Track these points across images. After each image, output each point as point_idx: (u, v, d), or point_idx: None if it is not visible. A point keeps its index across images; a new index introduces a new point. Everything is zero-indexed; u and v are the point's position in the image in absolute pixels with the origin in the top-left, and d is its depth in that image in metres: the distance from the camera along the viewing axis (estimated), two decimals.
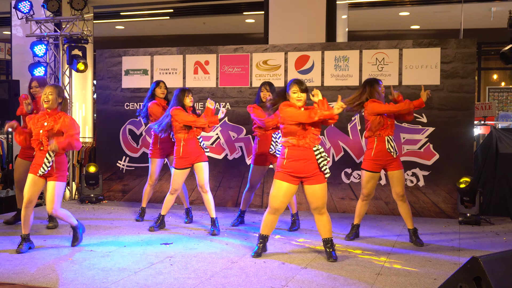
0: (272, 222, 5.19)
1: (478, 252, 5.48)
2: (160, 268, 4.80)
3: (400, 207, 5.77)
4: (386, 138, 5.67)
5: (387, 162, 5.69)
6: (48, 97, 5.23)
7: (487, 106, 9.24)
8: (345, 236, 5.98)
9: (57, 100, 5.26)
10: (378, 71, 7.51)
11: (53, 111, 5.26)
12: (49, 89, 5.28)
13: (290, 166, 4.98)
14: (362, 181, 5.81)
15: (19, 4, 8.55)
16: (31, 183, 5.27)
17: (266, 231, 5.23)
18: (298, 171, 4.97)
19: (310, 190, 5.03)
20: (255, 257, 5.19)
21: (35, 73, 8.60)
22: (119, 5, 12.12)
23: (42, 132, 5.21)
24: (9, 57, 13.01)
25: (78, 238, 5.57)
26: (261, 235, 5.25)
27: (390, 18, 12.80)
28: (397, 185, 5.70)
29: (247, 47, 8.07)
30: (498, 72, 15.17)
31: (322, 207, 5.04)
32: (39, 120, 5.27)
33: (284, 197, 5.04)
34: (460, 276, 3.11)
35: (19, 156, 6.59)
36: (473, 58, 7.26)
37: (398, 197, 5.72)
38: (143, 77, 8.43)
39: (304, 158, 4.95)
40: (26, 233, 5.34)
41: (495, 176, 7.50)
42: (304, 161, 4.95)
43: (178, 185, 6.17)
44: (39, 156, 5.26)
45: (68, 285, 4.30)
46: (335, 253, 5.13)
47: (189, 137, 6.11)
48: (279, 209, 5.09)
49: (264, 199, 7.88)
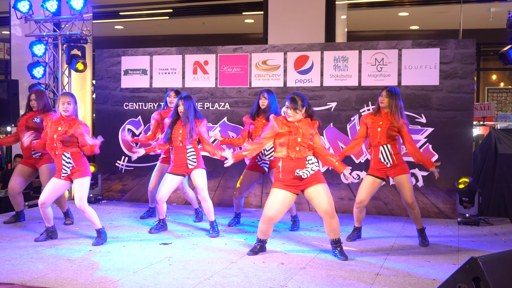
0: (267, 230, 5.24)
1: (477, 252, 5.49)
2: (159, 268, 4.80)
3: (410, 213, 5.75)
4: (380, 148, 5.66)
5: (387, 170, 5.70)
6: (68, 107, 5.52)
7: (486, 106, 9.25)
8: (347, 237, 5.98)
9: (74, 108, 5.59)
10: (377, 72, 7.52)
11: (68, 117, 5.56)
12: (67, 98, 5.55)
13: (284, 179, 5.05)
14: (361, 185, 5.78)
15: (18, 3, 8.54)
16: (52, 186, 5.57)
17: (262, 236, 5.31)
18: (292, 182, 5.04)
19: (312, 193, 5.04)
20: (251, 255, 5.24)
21: (34, 72, 8.60)
22: (118, 5, 12.13)
23: (56, 136, 5.50)
24: (8, 56, 13.00)
25: (101, 239, 5.65)
26: (259, 239, 5.34)
27: (389, 18, 12.81)
28: (403, 192, 5.68)
29: (247, 47, 8.07)
30: (497, 73, 15.17)
31: (331, 209, 5.02)
32: (53, 125, 5.57)
33: (280, 206, 5.05)
34: (459, 277, 3.11)
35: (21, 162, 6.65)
36: (472, 59, 7.27)
37: (407, 205, 5.69)
38: (142, 77, 8.42)
39: (297, 168, 5.00)
40: (50, 225, 5.74)
41: (494, 177, 7.50)
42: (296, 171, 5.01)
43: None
44: (57, 161, 5.57)
45: (67, 285, 4.30)
46: (343, 251, 5.18)
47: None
48: (273, 218, 5.10)
49: (263, 199, 7.88)
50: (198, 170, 6.03)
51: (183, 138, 5.93)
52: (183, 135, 5.93)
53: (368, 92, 7.53)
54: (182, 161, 5.96)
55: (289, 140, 5.02)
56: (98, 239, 5.63)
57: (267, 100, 6.26)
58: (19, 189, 6.62)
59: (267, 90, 6.35)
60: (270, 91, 6.36)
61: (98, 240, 5.62)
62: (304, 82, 7.75)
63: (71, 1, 8.26)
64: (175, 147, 5.99)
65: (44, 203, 5.57)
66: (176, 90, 6.85)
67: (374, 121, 5.72)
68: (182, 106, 5.91)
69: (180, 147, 5.95)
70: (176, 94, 6.74)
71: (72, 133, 5.49)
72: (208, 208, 6.05)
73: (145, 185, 8.34)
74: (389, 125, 5.64)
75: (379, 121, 5.69)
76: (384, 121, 5.67)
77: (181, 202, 8.22)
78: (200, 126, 5.95)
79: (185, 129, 5.93)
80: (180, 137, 5.93)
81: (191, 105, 5.93)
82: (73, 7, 8.30)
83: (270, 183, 7.70)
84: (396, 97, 5.66)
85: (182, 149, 5.96)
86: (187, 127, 5.91)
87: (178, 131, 5.95)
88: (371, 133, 5.72)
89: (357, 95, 7.58)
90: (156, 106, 8.22)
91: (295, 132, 5.03)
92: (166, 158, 6.77)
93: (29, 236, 5.97)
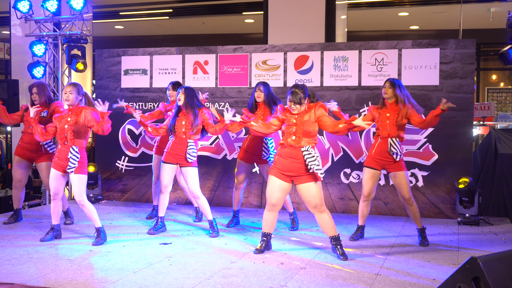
0: (273, 220, 5.29)
1: (477, 252, 5.49)
2: (159, 268, 4.80)
3: (408, 210, 5.78)
4: (389, 140, 5.70)
5: (387, 163, 5.72)
6: (68, 96, 5.56)
7: (486, 106, 9.26)
8: (350, 237, 5.98)
9: (77, 98, 5.59)
10: (377, 72, 7.52)
11: (75, 107, 5.60)
12: (69, 88, 5.59)
13: (279, 163, 5.16)
14: (362, 179, 5.84)
15: (18, 3, 8.54)
16: (55, 178, 5.62)
17: (267, 228, 5.33)
18: (286, 169, 5.10)
19: (302, 190, 5.12)
20: (256, 254, 5.27)
21: (34, 72, 8.59)
22: (118, 5, 12.14)
23: (68, 127, 5.53)
24: (8, 56, 13.01)
25: (100, 239, 5.65)
26: (263, 233, 5.35)
27: (389, 18, 12.81)
28: (400, 187, 5.71)
29: (247, 47, 8.07)
30: (497, 73, 15.17)
31: (320, 204, 5.09)
32: (63, 117, 5.61)
33: (279, 193, 5.18)
34: (458, 277, 3.11)
35: (18, 153, 6.61)
36: (472, 59, 7.27)
37: (404, 201, 5.72)
38: (142, 77, 8.43)
39: (291, 157, 5.08)
40: (56, 223, 5.76)
41: (494, 177, 7.50)
42: (291, 160, 5.08)
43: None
44: (63, 150, 5.55)
45: (66, 285, 4.30)
46: (344, 251, 5.18)
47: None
48: (276, 205, 5.20)
49: (262, 199, 7.88)
50: (192, 168, 6.02)
51: (186, 129, 5.95)
52: (186, 126, 5.95)
53: (368, 92, 7.54)
54: (181, 152, 5.97)
55: (286, 128, 5.17)
56: (97, 239, 5.62)
57: (262, 92, 6.27)
58: (25, 181, 6.69)
59: (263, 83, 6.34)
60: (265, 83, 6.35)
61: (98, 240, 5.62)
62: (304, 82, 7.75)
63: (71, 1, 8.26)
64: (176, 138, 6.00)
65: (57, 194, 5.63)
66: (175, 82, 6.84)
67: (381, 114, 5.77)
68: (183, 97, 5.94)
69: (183, 139, 5.97)
70: (174, 86, 6.76)
71: (82, 122, 5.53)
72: (203, 205, 6.06)
73: (145, 184, 8.35)
74: (396, 115, 5.68)
75: (386, 113, 5.74)
76: (391, 112, 5.72)
77: (181, 202, 8.22)
78: (202, 113, 5.98)
79: (188, 120, 5.94)
80: (184, 128, 5.96)
81: (192, 95, 5.97)
82: (73, 7, 8.30)
83: None
84: (399, 86, 5.72)
85: (183, 141, 5.96)
86: (191, 116, 5.93)
87: (181, 122, 5.98)
88: (380, 126, 5.77)
89: (357, 95, 7.58)
90: (156, 106, 8.22)
91: (290, 123, 5.14)
92: (159, 149, 6.82)
93: (29, 236, 5.97)
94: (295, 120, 5.12)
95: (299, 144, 5.07)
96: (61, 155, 5.56)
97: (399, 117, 5.68)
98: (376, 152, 5.76)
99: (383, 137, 5.74)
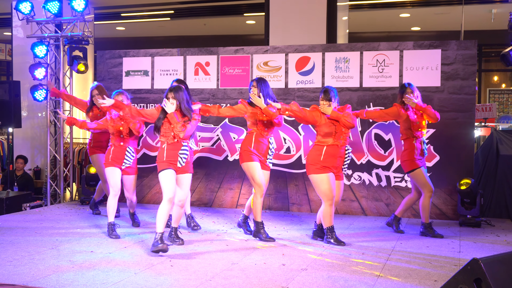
0: (332, 213, 5.78)
1: (478, 253, 5.48)
2: (161, 269, 4.80)
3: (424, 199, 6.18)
4: (422, 139, 6.22)
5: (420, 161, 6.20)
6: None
7: (488, 108, 9.24)
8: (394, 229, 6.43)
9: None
10: (378, 73, 7.52)
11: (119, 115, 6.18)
12: (120, 96, 6.10)
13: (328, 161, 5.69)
14: (419, 181, 6.14)
15: (19, 5, 8.55)
16: (115, 174, 6.22)
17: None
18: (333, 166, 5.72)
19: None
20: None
21: (36, 74, 8.59)
22: (119, 6, 12.14)
23: (123, 129, 6.16)
24: (9, 58, 13.02)
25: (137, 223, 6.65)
26: (329, 228, 5.75)
27: (391, 19, 12.81)
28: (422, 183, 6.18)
29: (248, 48, 8.07)
30: (499, 74, 15.16)
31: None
32: (116, 122, 6.20)
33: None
34: (460, 278, 3.10)
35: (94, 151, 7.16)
36: (474, 60, 7.26)
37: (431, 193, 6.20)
38: (144, 78, 8.43)
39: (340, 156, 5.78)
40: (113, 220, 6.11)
41: (495, 178, 7.49)
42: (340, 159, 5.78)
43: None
44: (118, 151, 6.18)
45: (68, 286, 4.30)
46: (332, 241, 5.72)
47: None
48: (334, 196, 5.72)
49: (263, 200, 7.85)
50: (188, 174, 5.57)
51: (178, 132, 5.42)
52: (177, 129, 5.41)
53: (369, 93, 7.53)
54: (174, 157, 5.41)
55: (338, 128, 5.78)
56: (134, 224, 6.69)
57: (256, 88, 5.98)
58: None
59: (257, 79, 6.05)
60: (261, 79, 6.08)
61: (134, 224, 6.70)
62: (306, 83, 7.76)
63: (73, 3, 8.27)
64: (168, 143, 5.44)
65: (120, 190, 6.27)
66: (177, 79, 6.45)
67: (414, 113, 6.19)
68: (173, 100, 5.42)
69: (175, 143, 5.43)
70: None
71: (131, 126, 6.12)
72: (180, 215, 5.67)
73: (147, 186, 8.34)
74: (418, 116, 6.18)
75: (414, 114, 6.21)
76: (417, 114, 6.19)
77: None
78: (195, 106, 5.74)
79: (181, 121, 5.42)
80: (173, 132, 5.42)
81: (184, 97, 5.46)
82: (75, 8, 8.31)
83: (271, 183, 7.71)
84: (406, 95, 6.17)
85: (177, 145, 5.43)
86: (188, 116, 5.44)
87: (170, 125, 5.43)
88: (419, 126, 6.19)
89: (359, 96, 7.58)
90: None
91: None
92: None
93: (31, 237, 5.97)
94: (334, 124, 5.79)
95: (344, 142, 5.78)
96: (118, 155, 6.25)
97: (420, 118, 6.21)
98: (417, 154, 6.17)
99: (418, 137, 6.20)
